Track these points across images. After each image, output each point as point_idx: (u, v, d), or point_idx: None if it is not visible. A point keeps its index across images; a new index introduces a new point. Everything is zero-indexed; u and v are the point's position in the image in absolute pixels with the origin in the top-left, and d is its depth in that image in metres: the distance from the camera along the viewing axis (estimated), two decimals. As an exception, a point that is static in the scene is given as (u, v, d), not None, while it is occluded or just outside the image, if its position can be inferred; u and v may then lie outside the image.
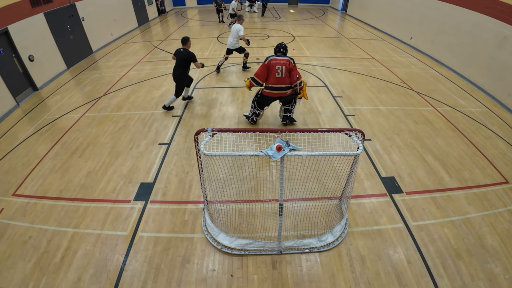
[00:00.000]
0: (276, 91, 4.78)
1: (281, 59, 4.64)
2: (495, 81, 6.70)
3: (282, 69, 4.61)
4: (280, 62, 4.61)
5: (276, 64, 4.60)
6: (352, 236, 3.33)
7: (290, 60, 4.67)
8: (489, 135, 5.28)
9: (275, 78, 4.65)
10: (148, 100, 6.54)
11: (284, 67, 4.61)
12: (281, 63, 4.61)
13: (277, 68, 4.60)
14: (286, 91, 4.81)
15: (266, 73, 4.69)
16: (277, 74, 4.63)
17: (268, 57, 4.66)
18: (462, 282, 2.85)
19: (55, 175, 4.31)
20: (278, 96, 4.90)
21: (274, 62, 4.60)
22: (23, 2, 6.92)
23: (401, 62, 9.02)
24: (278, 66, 4.60)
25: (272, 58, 4.64)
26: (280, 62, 4.61)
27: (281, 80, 4.67)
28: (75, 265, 3.01)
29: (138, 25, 13.94)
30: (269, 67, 4.63)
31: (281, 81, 4.68)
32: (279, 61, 4.62)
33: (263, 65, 4.68)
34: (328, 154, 2.56)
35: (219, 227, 3.34)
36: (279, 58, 4.64)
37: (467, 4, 7.69)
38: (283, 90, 4.77)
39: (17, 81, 6.66)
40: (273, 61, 4.61)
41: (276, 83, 4.69)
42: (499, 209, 3.70)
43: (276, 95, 4.86)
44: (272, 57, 4.67)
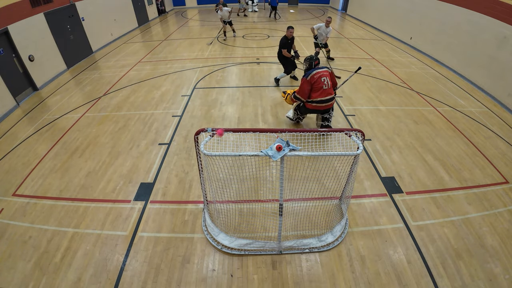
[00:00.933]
0: (324, 104, 4.58)
1: (323, 70, 4.52)
2: (495, 81, 6.69)
3: (327, 80, 4.49)
4: (324, 74, 4.49)
5: (321, 77, 4.46)
6: (352, 236, 3.33)
7: (328, 69, 4.64)
8: (489, 135, 5.28)
9: (323, 91, 4.49)
10: (148, 100, 6.54)
11: (328, 77, 4.52)
12: (325, 74, 4.50)
13: (323, 80, 4.46)
14: (332, 101, 4.67)
15: (309, 90, 4.53)
16: (324, 86, 4.48)
17: (310, 72, 4.49)
18: (462, 282, 2.85)
19: (55, 175, 4.31)
20: (327, 108, 4.70)
21: (319, 75, 4.45)
22: (23, 2, 6.92)
23: (401, 62, 9.02)
24: (324, 78, 4.47)
25: (315, 72, 4.47)
26: (324, 73, 4.49)
27: (328, 91, 4.54)
28: (75, 265, 3.01)
29: (138, 25, 13.93)
30: (313, 81, 4.46)
31: (328, 93, 4.55)
32: (323, 73, 4.49)
33: (305, 81, 4.50)
34: (328, 154, 2.56)
35: (219, 227, 3.34)
36: (321, 70, 4.51)
37: (467, 4, 7.69)
38: (330, 101, 4.61)
39: (17, 81, 6.66)
40: (317, 75, 4.45)
41: (325, 95, 4.52)
42: (499, 209, 3.70)
43: (324, 107, 4.65)
44: (315, 70, 4.49)
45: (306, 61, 4.73)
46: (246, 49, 10.29)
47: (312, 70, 4.51)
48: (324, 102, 4.57)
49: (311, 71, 4.50)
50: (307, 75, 4.48)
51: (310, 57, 4.73)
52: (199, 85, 7.32)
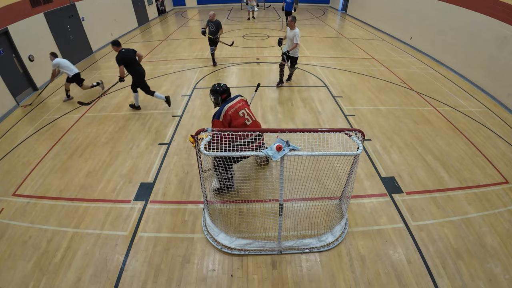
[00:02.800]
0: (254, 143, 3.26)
1: (236, 102, 3.48)
2: (495, 81, 6.70)
3: (246, 112, 3.49)
4: (240, 107, 3.46)
5: (238, 111, 3.42)
6: (352, 236, 3.33)
7: (243, 99, 3.64)
8: (489, 135, 5.28)
9: (248, 127, 3.41)
10: (148, 100, 6.53)
11: (246, 108, 3.53)
12: (241, 106, 3.47)
13: (242, 114, 3.43)
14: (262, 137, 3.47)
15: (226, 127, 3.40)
16: (247, 121, 3.45)
17: (221, 109, 3.39)
18: (462, 282, 2.85)
19: (55, 175, 4.31)
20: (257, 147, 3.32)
21: (234, 110, 3.41)
22: (23, 2, 6.92)
23: (401, 62, 9.02)
24: (242, 111, 3.44)
25: (227, 107, 3.39)
26: (240, 106, 3.47)
27: (255, 124, 3.54)
28: (75, 265, 3.01)
29: (138, 25, 13.94)
30: (231, 117, 3.37)
31: (255, 126, 3.55)
32: (238, 106, 3.45)
33: (217, 123, 3.34)
34: (328, 154, 2.56)
35: (219, 227, 3.34)
36: (234, 103, 3.47)
37: (467, 4, 7.69)
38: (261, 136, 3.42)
39: (17, 81, 6.67)
40: (231, 109, 3.40)
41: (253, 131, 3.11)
42: (499, 209, 3.70)
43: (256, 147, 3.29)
44: (226, 105, 3.41)
45: (211, 94, 3.57)
46: (246, 49, 10.29)
47: (223, 106, 3.41)
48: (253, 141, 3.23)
49: (222, 107, 3.42)
50: (218, 115, 3.36)
51: (214, 88, 3.54)
52: (199, 85, 7.32)
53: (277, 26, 14.01)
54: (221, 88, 3.54)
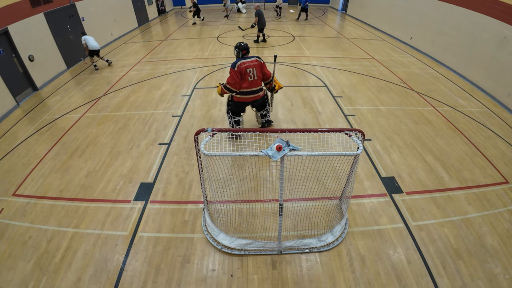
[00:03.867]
0: (250, 95, 4.48)
1: (250, 60, 4.35)
2: (495, 81, 6.70)
3: (253, 71, 4.33)
4: (250, 65, 4.32)
5: (247, 68, 4.28)
6: (352, 236, 3.33)
7: (258, 59, 4.43)
8: (489, 135, 5.28)
9: (248, 82, 4.35)
10: (148, 100, 6.54)
11: (255, 68, 4.34)
12: (252, 65, 4.33)
13: (249, 71, 4.30)
14: (259, 94, 4.55)
15: (239, 79, 4.33)
16: (249, 78, 4.33)
17: (236, 62, 4.32)
18: (462, 282, 2.85)
19: (55, 175, 4.31)
20: (253, 100, 4.59)
21: (245, 66, 4.28)
22: (23, 2, 6.92)
23: (401, 62, 9.02)
24: (249, 69, 4.30)
25: (241, 62, 4.30)
26: (250, 64, 4.32)
27: (254, 83, 4.40)
28: (75, 265, 3.01)
29: (138, 25, 13.94)
30: (241, 72, 4.29)
31: (254, 84, 4.42)
32: (249, 64, 4.32)
33: (232, 71, 4.29)
34: (328, 154, 2.56)
35: (219, 227, 3.34)
36: (248, 60, 4.34)
37: (467, 4, 7.69)
38: (256, 93, 4.50)
39: (17, 81, 6.67)
40: (243, 65, 4.28)
41: (249, 86, 4.39)
42: (499, 209, 3.70)
43: (250, 99, 4.55)
44: (241, 61, 4.32)
45: (235, 49, 4.58)
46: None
47: (238, 60, 4.34)
48: (250, 94, 4.45)
49: (237, 60, 4.33)
50: (234, 65, 4.30)
51: (238, 45, 4.54)
52: (199, 85, 7.32)
53: (277, 26, 14.01)
54: (242, 46, 4.52)
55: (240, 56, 4.52)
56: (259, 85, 4.47)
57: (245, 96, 4.48)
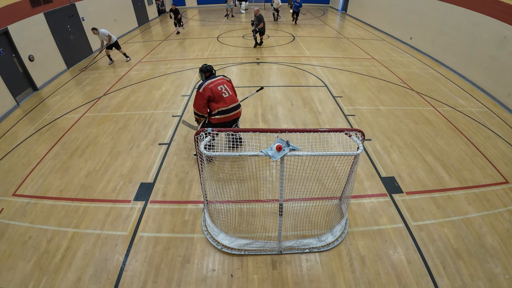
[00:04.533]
0: (231, 113, 4.04)
1: (216, 79, 4.04)
2: (495, 81, 6.70)
3: (224, 87, 4.02)
4: (219, 82, 4.01)
5: (217, 85, 3.96)
6: (352, 236, 3.33)
7: (224, 77, 4.16)
8: (489, 135, 5.29)
9: (225, 99, 3.97)
10: (148, 100, 6.54)
11: (225, 84, 4.05)
12: (220, 82, 4.03)
13: (220, 88, 3.97)
14: (239, 109, 4.18)
15: (205, 102, 3.96)
16: (224, 94, 3.98)
17: (202, 84, 3.95)
18: (462, 282, 2.85)
19: (55, 175, 4.31)
20: (234, 118, 4.15)
21: (214, 85, 3.96)
22: (23, 2, 6.92)
23: (401, 62, 9.02)
24: (220, 86, 3.98)
25: (208, 82, 3.95)
26: (219, 82, 4.02)
27: (231, 98, 4.04)
28: (75, 265, 3.01)
29: (138, 25, 13.94)
30: (210, 92, 3.91)
31: (232, 100, 4.05)
32: (217, 81, 4.01)
33: (198, 94, 3.93)
34: (328, 154, 2.56)
35: (219, 227, 3.34)
36: (215, 79, 4.03)
37: (467, 4, 7.69)
38: (237, 109, 4.10)
39: (17, 81, 6.67)
40: (211, 85, 3.95)
41: (228, 103, 3.98)
42: (499, 209, 3.70)
43: (231, 118, 4.08)
44: (207, 81, 3.97)
45: (199, 72, 4.29)
46: (246, 49, 10.29)
47: (204, 81, 3.99)
48: (231, 111, 4.02)
49: (203, 82, 3.98)
50: (199, 87, 3.94)
51: (202, 67, 4.22)
52: (199, 85, 7.32)
53: (277, 26, 14.00)
54: (204, 68, 4.22)
55: (204, 79, 4.21)
56: (236, 100, 4.13)
57: (226, 115, 4.02)
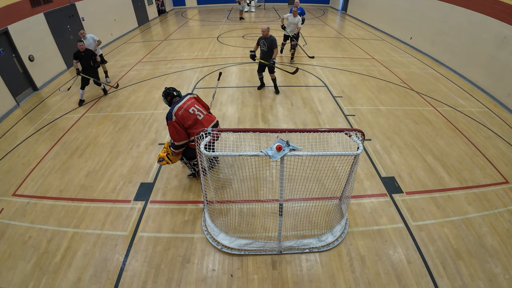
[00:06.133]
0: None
1: (184, 101, 3.55)
2: (495, 81, 6.70)
3: (197, 108, 3.57)
4: (188, 105, 3.53)
5: (187, 109, 3.48)
6: (352, 236, 3.33)
7: (191, 95, 3.73)
8: (489, 135, 5.28)
9: (201, 121, 3.53)
10: (148, 100, 6.54)
11: (196, 105, 3.60)
12: (190, 104, 3.55)
13: (192, 111, 3.51)
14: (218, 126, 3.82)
15: (182, 129, 3.49)
16: (199, 117, 3.54)
17: (171, 110, 3.45)
18: (462, 282, 2.85)
19: (55, 175, 4.31)
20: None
21: (184, 109, 3.47)
22: (23, 2, 6.92)
23: (401, 62, 9.02)
24: (192, 108, 3.52)
25: (177, 108, 3.45)
26: (188, 104, 3.54)
27: (208, 118, 3.63)
28: (75, 265, 3.01)
29: (138, 25, 13.94)
30: (182, 119, 3.45)
31: (209, 119, 3.64)
32: (187, 104, 3.52)
33: (170, 124, 3.45)
34: (328, 154, 2.56)
35: (219, 227, 3.34)
36: (183, 102, 3.54)
37: (467, 4, 7.69)
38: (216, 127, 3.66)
39: (17, 81, 6.66)
40: (181, 110, 3.45)
41: (207, 124, 3.55)
42: (499, 209, 3.70)
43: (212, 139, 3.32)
44: (175, 106, 3.47)
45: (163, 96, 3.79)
46: (246, 49, 10.28)
47: (172, 108, 3.49)
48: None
49: (172, 108, 3.50)
50: (170, 115, 3.45)
51: (167, 90, 3.75)
52: (199, 85, 7.32)
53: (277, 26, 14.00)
54: (165, 92, 3.76)
55: (170, 104, 3.77)
56: (214, 118, 3.71)
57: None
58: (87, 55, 6.19)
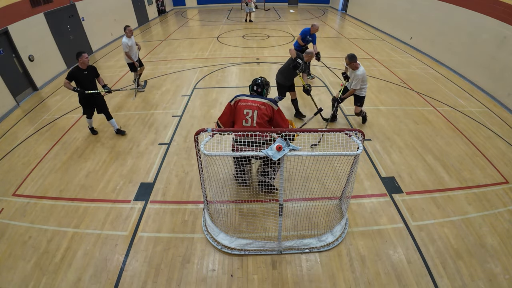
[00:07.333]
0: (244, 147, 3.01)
1: (252, 100, 3.28)
2: (495, 81, 6.69)
3: (252, 115, 3.23)
4: (250, 105, 3.25)
5: (244, 108, 3.25)
6: (352, 236, 3.33)
7: (267, 104, 3.29)
8: (489, 135, 5.28)
9: (242, 128, 3.24)
10: (148, 100, 6.54)
11: (256, 112, 3.22)
12: (252, 106, 3.24)
13: (246, 113, 3.24)
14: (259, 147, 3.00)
15: (231, 117, 3.36)
16: (244, 122, 3.25)
17: (236, 96, 3.37)
18: (462, 282, 2.85)
19: (55, 175, 4.31)
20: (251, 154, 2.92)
21: (243, 105, 3.27)
22: (23, 2, 6.92)
23: (401, 62, 9.02)
24: (247, 110, 3.24)
25: (241, 98, 3.31)
26: (251, 105, 3.25)
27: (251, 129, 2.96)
28: (75, 265, 3.01)
29: (138, 25, 13.94)
30: (236, 110, 3.30)
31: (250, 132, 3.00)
32: (249, 104, 3.26)
33: (227, 105, 3.38)
34: (328, 154, 2.57)
35: (219, 227, 3.34)
36: (250, 99, 3.29)
37: (467, 4, 7.69)
38: (255, 146, 3.06)
39: (17, 81, 6.66)
40: (242, 103, 3.28)
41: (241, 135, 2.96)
42: (499, 209, 3.70)
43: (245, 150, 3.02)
44: (242, 97, 3.33)
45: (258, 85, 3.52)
46: (246, 49, 10.28)
47: (241, 95, 3.38)
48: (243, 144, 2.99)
49: (240, 95, 3.40)
50: (232, 99, 3.38)
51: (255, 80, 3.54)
52: (199, 85, 7.32)
53: (277, 26, 14.00)
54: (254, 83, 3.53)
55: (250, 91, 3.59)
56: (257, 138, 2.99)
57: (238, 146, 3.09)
58: (90, 73, 4.63)
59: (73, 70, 4.46)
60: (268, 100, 3.33)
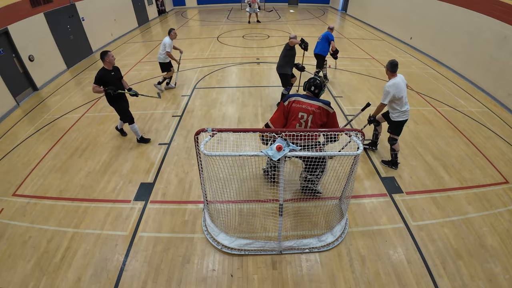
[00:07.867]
0: None
1: (309, 103, 3.20)
2: (495, 81, 6.70)
3: (307, 119, 3.19)
4: (306, 109, 3.19)
5: (299, 110, 3.20)
6: (352, 236, 3.33)
7: (323, 108, 3.19)
8: (489, 135, 5.28)
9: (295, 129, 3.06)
10: (148, 100, 6.54)
11: (312, 116, 3.19)
12: (308, 110, 3.18)
13: (300, 116, 3.20)
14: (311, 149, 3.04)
15: (284, 119, 3.31)
16: (298, 125, 3.24)
17: (290, 96, 3.28)
18: (462, 282, 2.85)
19: (55, 175, 4.31)
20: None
21: (297, 107, 3.21)
22: (23, 2, 6.92)
23: (401, 62, 9.01)
24: (302, 113, 3.20)
25: (296, 99, 3.23)
26: (307, 108, 3.19)
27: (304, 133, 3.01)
28: (75, 265, 3.01)
29: (138, 25, 13.94)
30: (290, 111, 3.26)
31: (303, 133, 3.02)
32: (305, 107, 3.19)
33: (281, 106, 3.33)
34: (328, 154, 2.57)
35: (219, 227, 3.34)
36: (306, 102, 3.21)
37: (467, 4, 7.69)
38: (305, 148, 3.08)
39: (17, 81, 6.66)
40: (296, 105, 3.22)
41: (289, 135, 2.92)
42: (499, 209, 3.70)
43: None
44: (296, 98, 3.24)
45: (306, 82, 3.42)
46: (246, 49, 10.29)
47: (296, 95, 3.31)
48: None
49: (294, 95, 3.31)
50: (286, 99, 3.32)
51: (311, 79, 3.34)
52: (199, 85, 7.32)
53: (277, 26, 14.00)
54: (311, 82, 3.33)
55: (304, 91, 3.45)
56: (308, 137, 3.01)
57: None
58: (116, 73, 4.45)
59: (101, 73, 4.19)
60: (323, 103, 3.22)
